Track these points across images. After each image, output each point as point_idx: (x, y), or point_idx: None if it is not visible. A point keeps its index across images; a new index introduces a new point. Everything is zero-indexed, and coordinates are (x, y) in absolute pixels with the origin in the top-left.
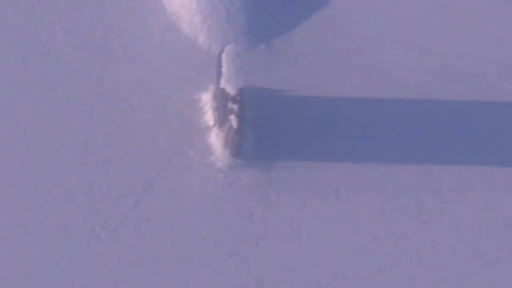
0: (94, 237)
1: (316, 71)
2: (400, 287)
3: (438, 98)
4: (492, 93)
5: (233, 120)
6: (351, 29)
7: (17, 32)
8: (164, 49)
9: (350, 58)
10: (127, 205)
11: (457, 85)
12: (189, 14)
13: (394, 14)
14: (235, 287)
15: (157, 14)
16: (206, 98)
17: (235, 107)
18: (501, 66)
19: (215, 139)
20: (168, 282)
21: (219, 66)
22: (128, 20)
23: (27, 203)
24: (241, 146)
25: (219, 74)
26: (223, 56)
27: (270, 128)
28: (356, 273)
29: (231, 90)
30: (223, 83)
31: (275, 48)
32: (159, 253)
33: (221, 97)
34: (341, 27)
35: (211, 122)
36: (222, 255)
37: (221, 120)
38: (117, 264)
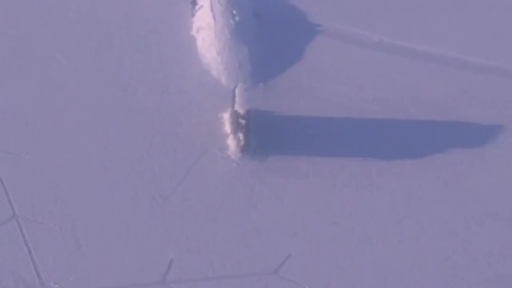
0: (154, 202)
1: (297, 100)
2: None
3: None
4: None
5: (242, 130)
6: (317, 71)
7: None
8: (200, 86)
9: (319, 93)
10: (176, 182)
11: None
12: (216, 64)
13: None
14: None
15: (195, 64)
16: (226, 116)
17: (243, 121)
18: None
19: (231, 141)
20: (200, 232)
21: (234, 96)
22: (180, 65)
23: (111, 183)
24: (247, 146)
25: (233, 102)
26: (236, 90)
27: (267, 134)
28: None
29: (241, 111)
30: (236, 107)
31: (269, 86)
32: (193, 212)
33: (235, 116)
34: (315, 71)
35: (228, 131)
36: (234, 214)
37: (235, 130)
38: (168, 219)
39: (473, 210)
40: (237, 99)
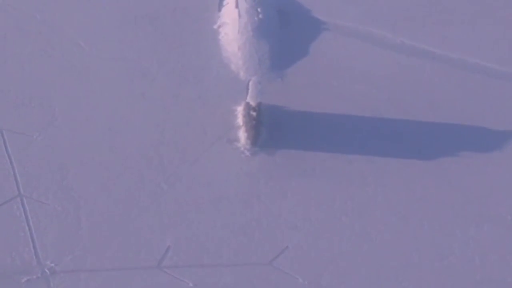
0: (159, 188)
1: (309, 95)
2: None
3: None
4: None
5: (253, 122)
6: (336, 69)
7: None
8: (218, 78)
9: (335, 90)
10: (182, 170)
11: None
12: (236, 58)
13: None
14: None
15: (216, 57)
16: (239, 109)
17: (254, 114)
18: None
19: (242, 133)
20: (200, 220)
21: (247, 89)
22: (201, 57)
23: (121, 167)
24: (257, 138)
25: (247, 94)
26: (250, 83)
27: (278, 128)
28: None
29: (252, 103)
30: (248, 99)
31: (287, 81)
32: (196, 200)
33: (247, 108)
34: (334, 69)
35: (241, 123)
36: (237, 204)
37: (246, 122)
38: (170, 206)
39: (475, 213)
40: (250, 91)
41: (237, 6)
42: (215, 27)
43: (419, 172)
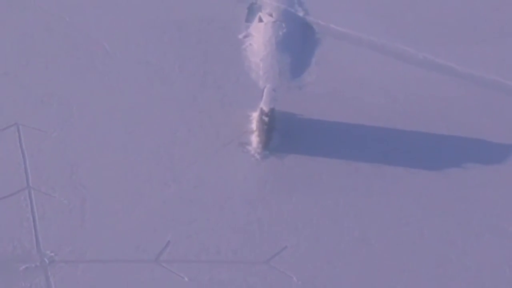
0: (166, 186)
1: (325, 104)
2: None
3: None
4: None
5: (265, 126)
6: (354, 81)
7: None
8: (237, 85)
9: (352, 101)
10: (193, 169)
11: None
12: (257, 68)
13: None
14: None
15: (237, 65)
16: (255, 114)
17: (266, 119)
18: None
19: (255, 137)
20: (203, 218)
21: (262, 96)
22: (223, 64)
23: (131, 165)
24: (268, 143)
25: (261, 100)
26: (265, 90)
27: (289, 134)
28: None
29: (265, 108)
30: (262, 104)
31: (305, 91)
32: (201, 199)
33: (260, 113)
34: (354, 81)
35: (254, 127)
36: (241, 204)
37: (259, 126)
38: (175, 204)
39: (476, 223)
40: (264, 97)
41: (261, 20)
42: (240, 36)
43: (423, 182)
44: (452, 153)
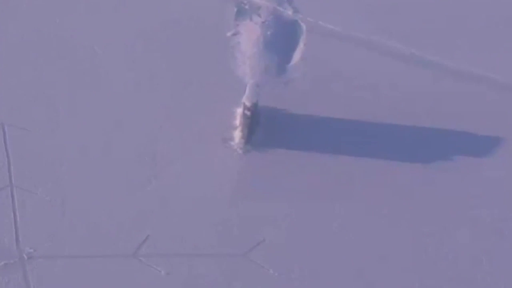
0: (147, 182)
1: (310, 100)
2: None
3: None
4: None
5: (248, 121)
6: (341, 77)
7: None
8: (223, 82)
9: (338, 97)
10: (175, 165)
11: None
12: (243, 66)
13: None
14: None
15: (223, 62)
16: (239, 110)
17: (248, 113)
18: None
19: (238, 132)
20: (183, 213)
21: (244, 90)
22: (209, 61)
23: (113, 162)
24: (251, 137)
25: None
26: (248, 85)
27: (273, 129)
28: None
29: (247, 103)
30: (244, 99)
31: (291, 87)
32: (182, 195)
33: (242, 107)
34: (340, 77)
35: (237, 123)
36: (222, 200)
37: (241, 121)
38: (155, 199)
39: (455, 214)
40: (246, 92)
41: (251, 18)
42: (228, 34)
43: (406, 176)
44: (436, 148)
